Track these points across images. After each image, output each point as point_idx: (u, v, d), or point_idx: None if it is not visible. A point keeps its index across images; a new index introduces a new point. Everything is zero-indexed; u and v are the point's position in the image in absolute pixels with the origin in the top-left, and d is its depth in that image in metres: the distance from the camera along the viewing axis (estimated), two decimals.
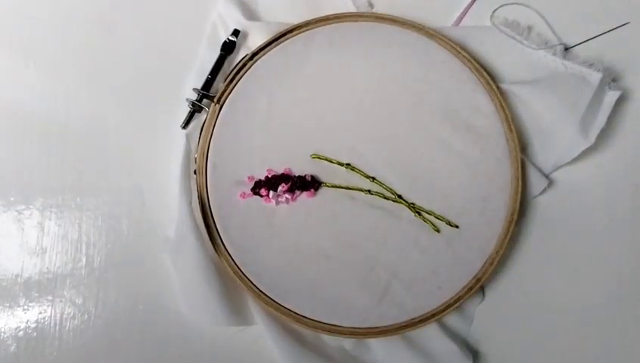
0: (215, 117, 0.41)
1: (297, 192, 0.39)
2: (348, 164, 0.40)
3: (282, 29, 0.42)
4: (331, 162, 0.40)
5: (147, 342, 0.41)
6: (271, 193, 0.39)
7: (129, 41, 0.44)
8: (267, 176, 0.40)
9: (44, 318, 0.41)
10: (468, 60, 0.41)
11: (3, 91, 0.43)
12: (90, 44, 0.43)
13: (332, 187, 0.40)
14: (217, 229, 0.40)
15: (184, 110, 0.42)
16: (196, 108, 0.42)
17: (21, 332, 0.41)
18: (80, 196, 0.42)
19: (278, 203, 0.39)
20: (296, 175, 0.40)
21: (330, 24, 0.42)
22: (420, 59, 0.42)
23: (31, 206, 0.42)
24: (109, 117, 0.43)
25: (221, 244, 0.40)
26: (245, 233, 0.39)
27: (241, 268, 0.39)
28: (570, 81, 0.41)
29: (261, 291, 0.39)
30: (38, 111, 0.42)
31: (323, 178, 0.40)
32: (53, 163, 0.42)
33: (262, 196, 0.39)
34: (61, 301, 0.41)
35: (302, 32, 0.42)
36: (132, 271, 0.41)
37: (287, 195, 0.39)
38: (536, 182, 0.41)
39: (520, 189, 0.40)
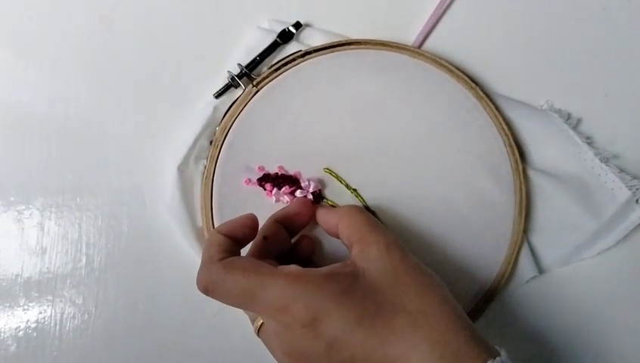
0: (249, 99, 0.41)
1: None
2: (355, 190, 0.40)
3: (342, 39, 0.42)
4: (340, 182, 0.40)
5: (147, 342, 0.41)
6: (274, 190, 0.39)
7: (130, 41, 0.43)
8: (276, 173, 0.40)
9: (44, 318, 0.41)
10: (505, 134, 0.41)
11: (3, 91, 0.43)
12: (90, 44, 0.43)
13: (331, 205, 0.40)
14: (212, 202, 0.40)
15: (185, 111, 0.42)
16: (234, 83, 0.42)
17: (21, 332, 0.41)
18: (80, 196, 0.42)
19: (277, 201, 0.39)
20: (304, 181, 0.39)
21: (389, 51, 0.41)
22: (461, 116, 0.41)
23: (31, 206, 0.42)
24: (109, 117, 0.43)
25: (210, 218, 0.40)
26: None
27: None
28: (600, 191, 0.41)
29: None
30: (38, 111, 0.42)
31: (328, 193, 0.40)
32: (53, 163, 0.42)
33: (265, 189, 0.39)
34: (61, 301, 0.41)
35: (360, 48, 0.41)
36: (132, 271, 0.41)
37: (287, 197, 0.39)
38: (527, 270, 0.41)
39: (508, 273, 0.40)
